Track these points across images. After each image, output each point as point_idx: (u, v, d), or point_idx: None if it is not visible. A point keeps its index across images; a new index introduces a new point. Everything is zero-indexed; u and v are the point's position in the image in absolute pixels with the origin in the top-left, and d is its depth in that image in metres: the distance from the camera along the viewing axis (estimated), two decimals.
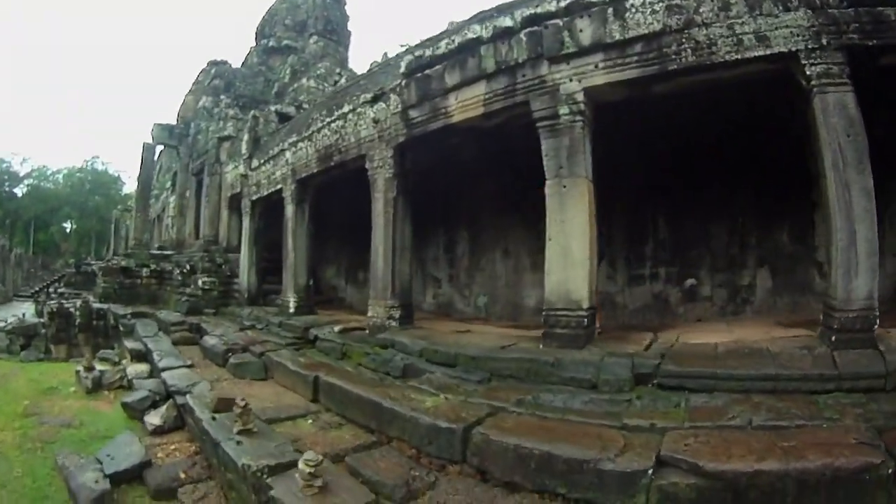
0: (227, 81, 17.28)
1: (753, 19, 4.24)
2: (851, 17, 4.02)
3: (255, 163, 11.70)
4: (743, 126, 6.19)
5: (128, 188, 59.81)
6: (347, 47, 22.23)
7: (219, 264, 12.73)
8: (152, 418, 5.31)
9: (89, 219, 58.55)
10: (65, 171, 62.90)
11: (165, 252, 16.07)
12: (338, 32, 21.39)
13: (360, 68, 16.15)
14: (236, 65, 19.04)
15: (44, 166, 61.91)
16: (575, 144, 5.06)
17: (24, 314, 17.68)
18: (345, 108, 8.16)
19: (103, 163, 65.60)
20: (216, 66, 18.52)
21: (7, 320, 15.74)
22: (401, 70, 6.58)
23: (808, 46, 4.11)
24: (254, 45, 20.64)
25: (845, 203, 4.02)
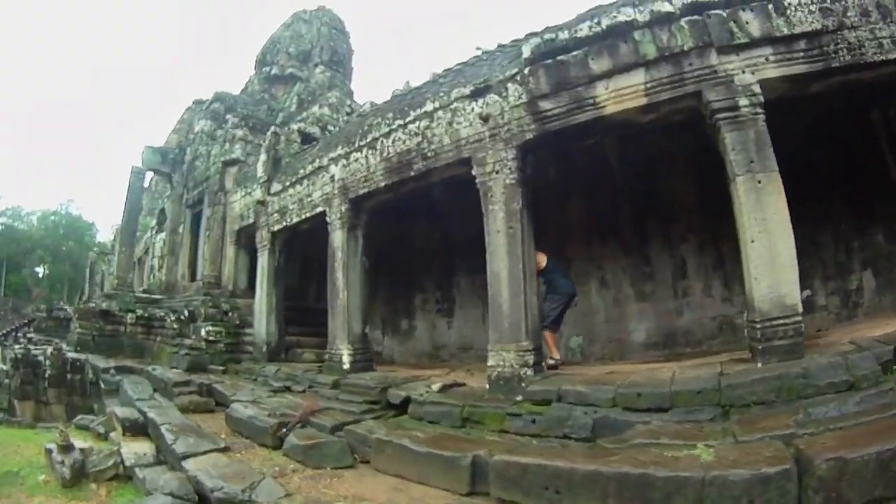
0: (227, 106, 15.49)
1: (887, 25, 4.55)
2: None
3: (277, 186, 9.77)
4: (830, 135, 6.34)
5: (101, 236, 58.87)
6: (351, 80, 21.22)
7: (225, 311, 10.48)
8: None
9: (62, 264, 56.80)
10: (39, 214, 61.44)
11: (154, 296, 13.66)
12: (343, 65, 20.53)
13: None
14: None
15: (18, 206, 60.35)
16: (762, 137, 4.73)
17: None
18: (427, 106, 6.57)
19: (77, 207, 65.01)
20: (215, 94, 16.81)
21: None
22: (523, 56, 5.63)
23: None
24: (253, 73, 19.44)
25: None
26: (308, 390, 7.18)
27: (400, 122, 6.96)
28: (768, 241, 4.55)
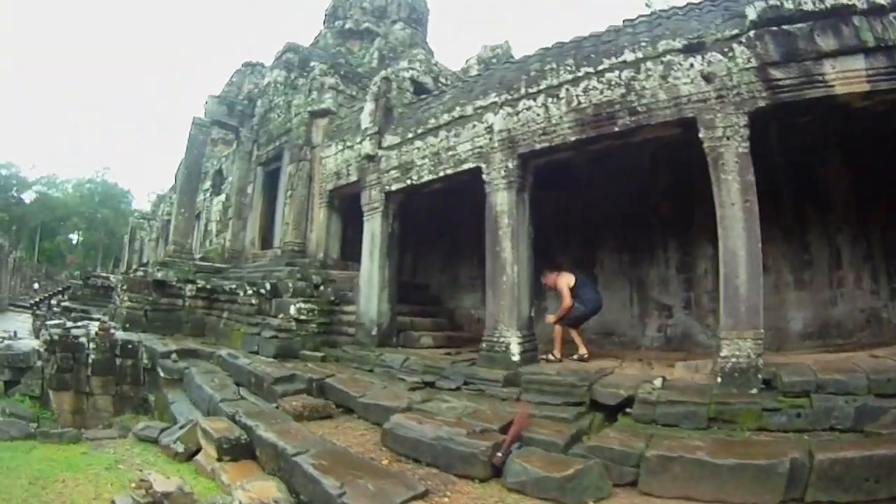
0: (301, 57, 13.93)
1: None
2: None
3: (393, 139, 8.10)
4: None
5: (137, 203, 58.97)
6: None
7: (316, 284, 8.84)
8: None
9: (97, 231, 57.07)
10: (74, 181, 61.66)
11: (217, 265, 12.11)
12: (421, 24, 19.03)
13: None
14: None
15: (53, 174, 60.68)
16: None
17: (15, 332, 13.44)
18: (626, 55, 5.61)
19: (113, 175, 65.93)
20: (287, 44, 15.24)
21: None
22: (749, 17, 5.23)
23: None
24: (324, 27, 17.97)
25: None
26: (461, 388, 5.55)
27: (588, 69, 5.92)
28: None
